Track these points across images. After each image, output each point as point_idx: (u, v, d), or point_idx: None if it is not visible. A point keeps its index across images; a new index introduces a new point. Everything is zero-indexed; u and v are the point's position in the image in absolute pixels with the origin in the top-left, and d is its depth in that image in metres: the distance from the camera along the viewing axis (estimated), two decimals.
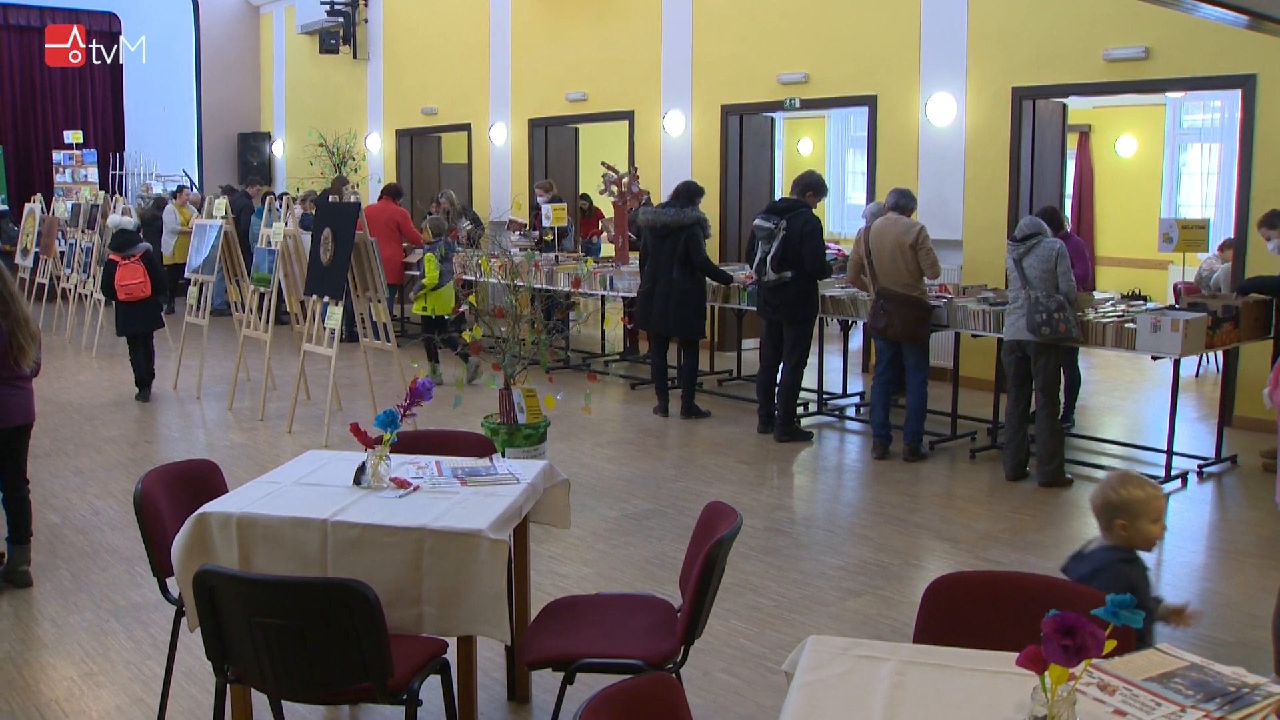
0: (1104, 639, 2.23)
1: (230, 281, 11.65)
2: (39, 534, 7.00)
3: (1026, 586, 3.51)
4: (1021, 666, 2.32)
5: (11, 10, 22.14)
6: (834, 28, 12.37)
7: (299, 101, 21.84)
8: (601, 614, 4.24)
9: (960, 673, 2.87)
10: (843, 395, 10.96)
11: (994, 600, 3.47)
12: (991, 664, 2.88)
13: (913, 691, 2.77)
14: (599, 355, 13.42)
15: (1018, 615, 3.35)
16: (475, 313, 7.72)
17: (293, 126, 21.94)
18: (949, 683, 2.83)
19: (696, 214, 9.81)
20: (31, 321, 6.00)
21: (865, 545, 6.84)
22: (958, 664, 2.91)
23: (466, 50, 17.50)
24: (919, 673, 2.86)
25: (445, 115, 18.17)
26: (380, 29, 19.55)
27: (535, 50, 16.28)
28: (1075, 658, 2.22)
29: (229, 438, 9.69)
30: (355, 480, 4.34)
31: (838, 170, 20.53)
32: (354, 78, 20.19)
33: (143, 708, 4.78)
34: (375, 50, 19.71)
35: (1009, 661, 2.69)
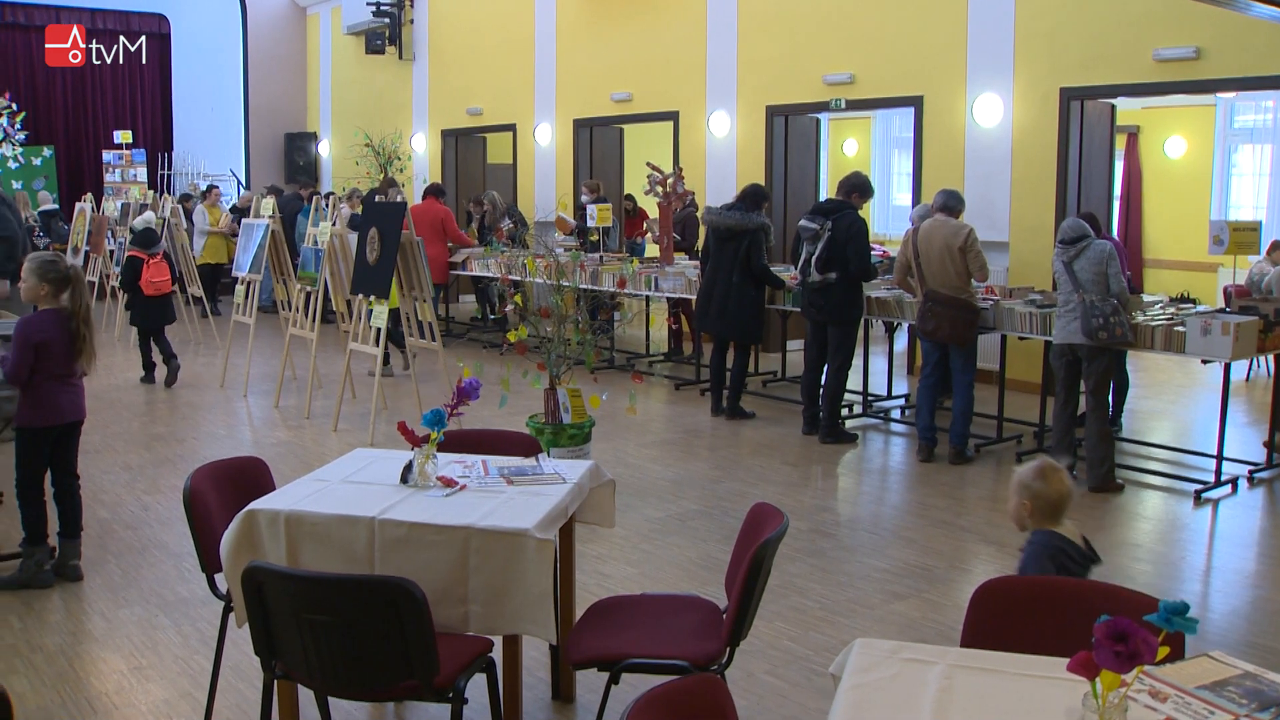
0: (1157, 646, 2.21)
1: (277, 280, 11.74)
2: (89, 529, 7.07)
3: (1076, 592, 3.48)
4: (1072, 672, 2.30)
5: (63, 12, 22.40)
6: (880, 28, 12.32)
7: (345, 102, 21.97)
8: (647, 614, 4.24)
9: (1009, 677, 2.85)
10: (887, 397, 10.91)
11: (1043, 605, 3.44)
12: (1041, 669, 2.86)
13: (961, 695, 2.75)
14: (643, 355, 13.42)
15: (1067, 620, 3.33)
16: (521, 313, 7.73)
17: (339, 126, 22.08)
18: (998, 687, 2.81)
19: (761, 219, 9.79)
20: (95, 329, 6.17)
21: (910, 548, 6.81)
22: (1007, 669, 2.89)
23: (512, 50, 17.54)
24: (967, 677, 2.84)
25: (490, 115, 18.23)
26: (426, 29, 19.63)
27: (580, 50, 16.30)
28: (1128, 664, 2.20)
29: (275, 435, 9.76)
30: (402, 479, 4.35)
31: (883, 171, 20.43)
32: (400, 78, 20.29)
33: (191, 702, 4.83)
34: (421, 50, 19.80)
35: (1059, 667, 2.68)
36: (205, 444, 9.52)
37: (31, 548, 6.19)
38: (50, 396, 6.05)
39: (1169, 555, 6.86)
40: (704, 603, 4.33)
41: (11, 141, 20.66)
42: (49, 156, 22.04)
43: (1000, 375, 9.28)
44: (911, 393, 10.69)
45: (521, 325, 7.58)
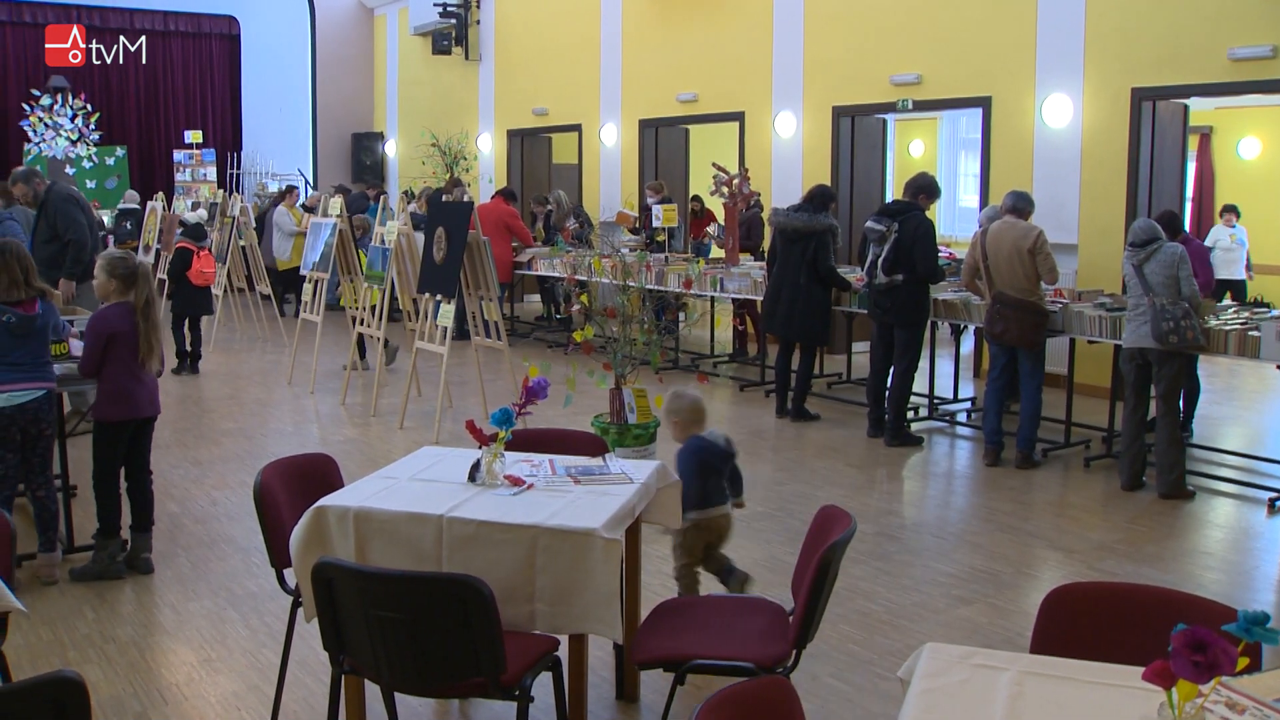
0: (1236, 656, 2.18)
1: (344, 279, 11.84)
2: (160, 523, 7.17)
3: (1148, 599, 3.43)
4: (1148, 681, 2.27)
5: (137, 15, 22.77)
6: (948, 28, 12.23)
7: (412, 102, 22.12)
8: (712, 615, 4.24)
9: (1081, 685, 2.81)
10: (954, 400, 10.83)
11: (1114, 612, 3.39)
12: (1113, 677, 2.83)
13: (1032, 702, 2.73)
14: (708, 356, 13.41)
15: (1139, 629, 3.29)
16: (587, 313, 7.75)
17: (405, 127, 22.23)
18: (1070, 695, 2.78)
19: (828, 220, 9.77)
20: (161, 328, 6.30)
21: (976, 553, 6.75)
22: (1078, 676, 2.86)
23: (577, 51, 17.59)
24: (1038, 684, 2.81)
25: (556, 116, 18.28)
26: (492, 30, 19.73)
27: (646, 51, 16.31)
28: (1206, 674, 2.17)
29: (341, 432, 9.84)
30: (470, 477, 4.38)
31: (949, 173, 20.30)
32: (466, 78, 20.40)
33: (259, 695, 4.89)
34: (487, 51, 19.89)
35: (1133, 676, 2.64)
36: (273, 440, 9.62)
37: (105, 540, 6.29)
38: (125, 390, 6.15)
39: (1241, 564, 6.76)
40: (770, 605, 4.32)
41: (86, 141, 21.00)
42: (121, 156, 22.39)
43: (1069, 379, 9.18)
44: (978, 396, 10.60)
45: (587, 325, 7.59)
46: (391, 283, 10.50)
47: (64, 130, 20.81)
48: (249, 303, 15.73)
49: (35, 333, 5.98)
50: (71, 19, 22.29)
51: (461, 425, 9.57)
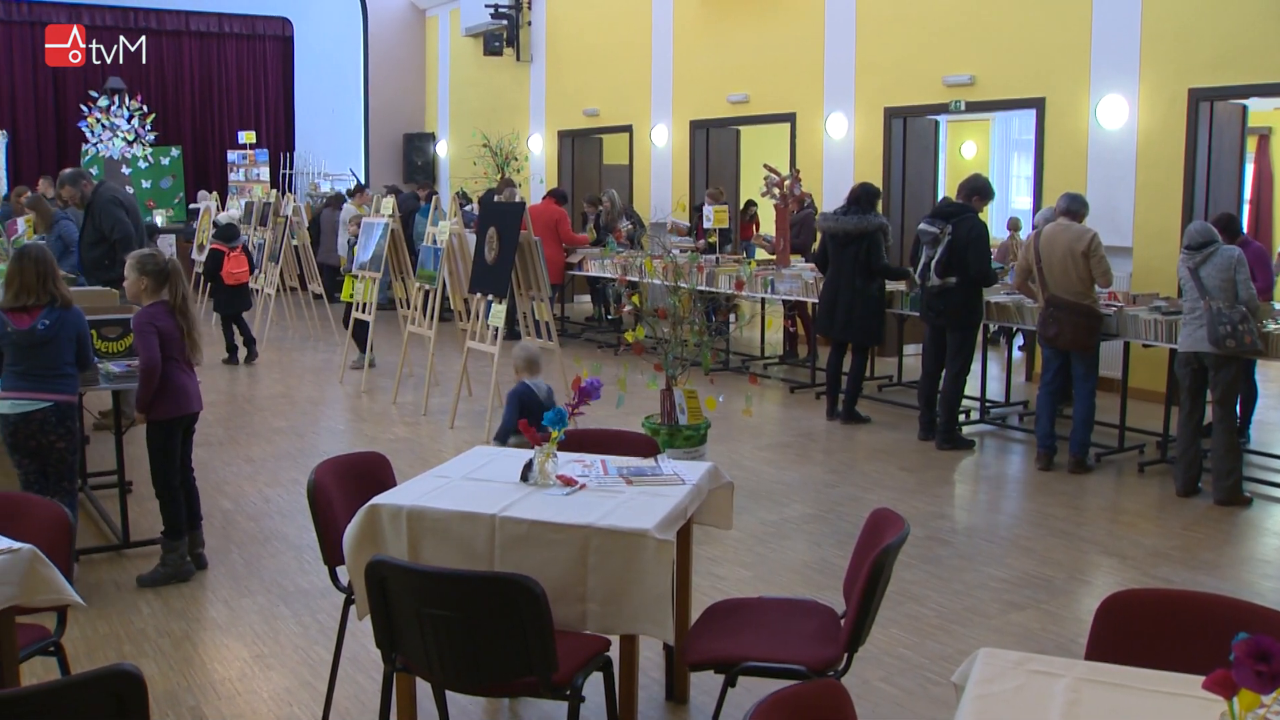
0: None
1: (396, 278, 11.91)
2: (213, 519, 7.26)
3: (1207, 607, 3.38)
4: (1208, 690, 2.25)
5: (193, 17, 23.02)
6: (1001, 28, 12.14)
7: (463, 103, 22.21)
8: (764, 617, 4.23)
9: (1139, 693, 2.78)
10: (1005, 404, 10.75)
11: (1172, 620, 3.36)
12: (1172, 686, 2.79)
13: (1089, 709, 2.70)
14: (758, 358, 13.38)
15: (1197, 637, 3.25)
16: (638, 313, 7.75)
17: (456, 127, 22.32)
18: (1127, 703, 2.75)
19: (878, 220, 9.75)
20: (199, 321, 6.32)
21: (1029, 558, 6.70)
22: (1136, 684, 2.83)
23: (628, 52, 17.60)
24: (1095, 691, 2.79)
25: (607, 116, 18.31)
26: (543, 31, 19.78)
27: (697, 51, 16.30)
28: (1269, 684, 2.14)
29: (392, 431, 9.90)
30: (523, 477, 4.39)
31: (1002, 174, 20.14)
32: (517, 79, 20.46)
33: (310, 691, 4.93)
34: (538, 52, 19.94)
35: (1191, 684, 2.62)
36: (324, 438, 9.70)
37: (173, 541, 6.27)
38: (179, 386, 6.15)
39: None
40: (821, 607, 4.31)
41: (142, 142, 21.22)
42: (176, 156, 22.62)
43: (1123, 383, 9.09)
44: (1030, 399, 10.51)
45: (639, 325, 7.59)
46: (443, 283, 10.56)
47: (120, 131, 21.04)
48: (301, 301, 15.86)
49: (37, 345, 5.85)
50: (129, 22, 22.60)
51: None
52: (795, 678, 3.72)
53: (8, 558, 3.71)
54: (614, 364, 12.35)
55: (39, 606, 3.91)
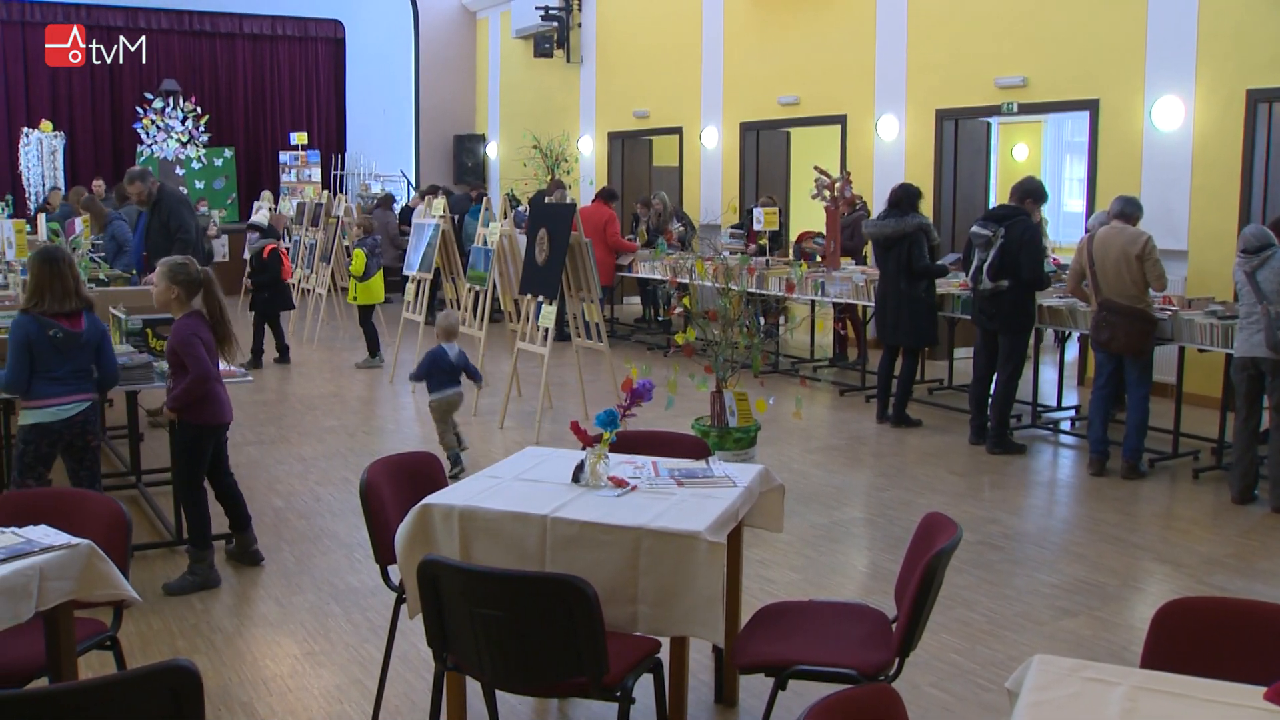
0: None
1: (446, 279, 11.96)
2: (265, 517, 7.33)
3: (1266, 617, 3.33)
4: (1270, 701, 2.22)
5: (246, 20, 23.25)
6: (1055, 29, 12.04)
7: (513, 104, 22.27)
8: (814, 621, 4.22)
9: (1197, 703, 2.75)
10: (1057, 408, 10.66)
11: (1230, 629, 3.31)
12: (1231, 696, 2.76)
13: (1146, 718, 2.67)
14: (808, 360, 13.34)
15: (1257, 647, 3.21)
16: (688, 315, 7.75)
17: (507, 129, 22.40)
18: (1185, 712, 2.72)
19: (919, 220, 9.70)
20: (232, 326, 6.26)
21: (1081, 564, 6.64)
22: (1193, 693, 2.80)
23: (679, 53, 17.60)
24: (1153, 700, 2.76)
25: (657, 118, 18.31)
26: (593, 33, 19.81)
27: (747, 53, 16.27)
28: None
29: None
30: (574, 478, 4.40)
31: (1054, 177, 19.99)
32: (567, 81, 20.50)
33: (361, 689, 4.96)
34: (588, 54, 19.98)
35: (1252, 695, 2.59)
36: (375, 438, 9.75)
37: (201, 552, 6.22)
38: (216, 395, 6.13)
39: None
40: (872, 611, 4.29)
41: (195, 143, 21.45)
42: (229, 157, 22.84)
43: (1177, 388, 8.99)
44: (1082, 404, 10.42)
45: (689, 327, 7.59)
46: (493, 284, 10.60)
47: (175, 132, 21.28)
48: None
49: (80, 348, 5.94)
50: (183, 25, 22.86)
51: (561, 426, 9.70)
52: (846, 682, 3.72)
53: (67, 553, 3.75)
54: (663, 366, 12.33)
55: (96, 601, 3.96)
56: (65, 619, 3.84)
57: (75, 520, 4.16)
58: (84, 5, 22.13)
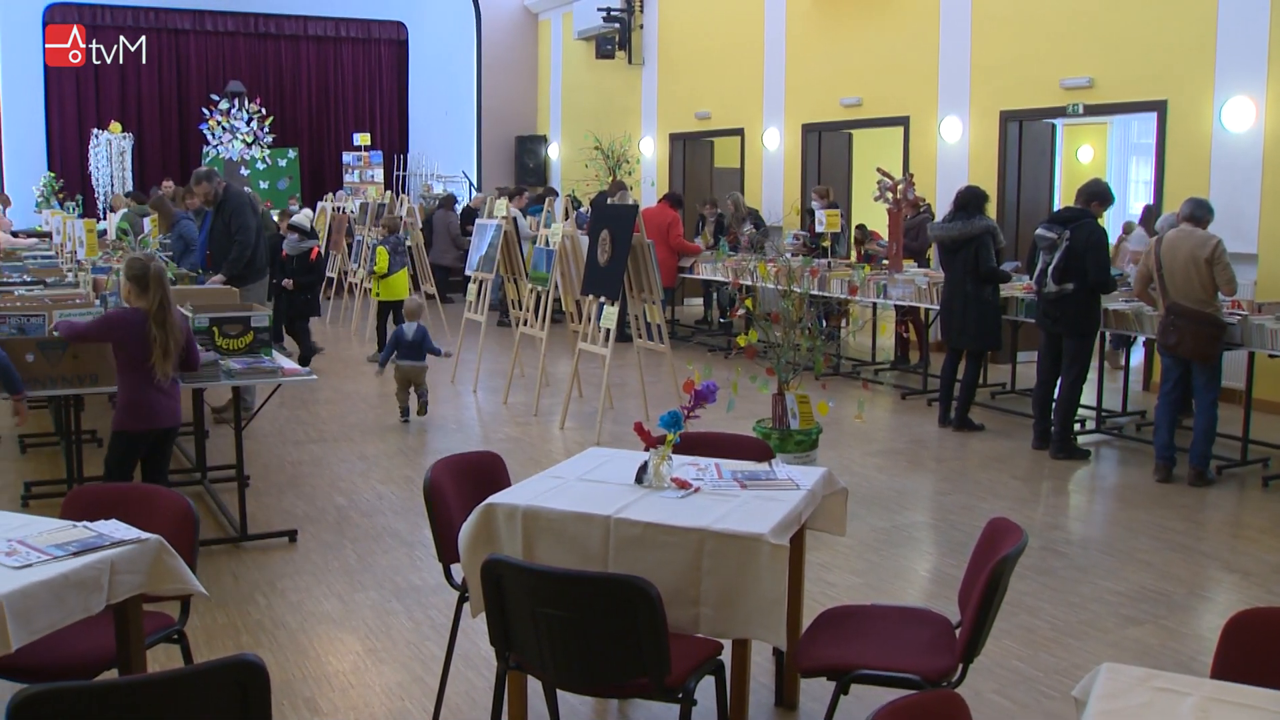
0: None
1: (508, 279, 12.02)
2: (328, 515, 7.42)
3: None
4: None
5: (310, 22, 23.49)
6: (1122, 29, 11.89)
7: (575, 105, 22.34)
8: (877, 625, 4.19)
9: (1270, 715, 2.70)
10: (1122, 413, 10.53)
11: None
12: None
13: None
14: (869, 363, 13.27)
15: None
16: (750, 317, 7.73)
17: (568, 130, 22.46)
18: None
19: (985, 222, 9.62)
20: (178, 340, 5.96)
21: (1146, 571, 6.55)
22: (1267, 705, 2.74)
23: (740, 55, 17.57)
24: (1225, 712, 2.71)
25: (718, 120, 18.30)
26: (655, 34, 19.82)
27: (809, 54, 16.22)
28: None
29: (503, 431, 9.98)
30: (637, 479, 4.40)
31: (1120, 179, 19.75)
32: (629, 82, 20.53)
33: (422, 686, 4.98)
34: (650, 55, 19.99)
35: None
36: (436, 437, 9.81)
37: None
38: (144, 400, 6.00)
39: None
40: (935, 616, 4.26)
41: (260, 144, 21.69)
42: (293, 158, 23.08)
43: (1246, 394, 8.85)
44: (1148, 410, 10.29)
45: (751, 329, 7.57)
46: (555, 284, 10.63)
47: (240, 133, 21.54)
48: None
49: None
50: (248, 28, 23.14)
51: (622, 426, 9.71)
52: (908, 687, 3.69)
53: (137, 547, 3.80)
54: (724, 367, 12.33)
55: (164, 595, 4.01)
56: (134, 612, 3.89)
57: (144, 515, 4.20)
58: (151, 8, 22.45)
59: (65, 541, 3.78)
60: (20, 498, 7.73)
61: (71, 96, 22.23)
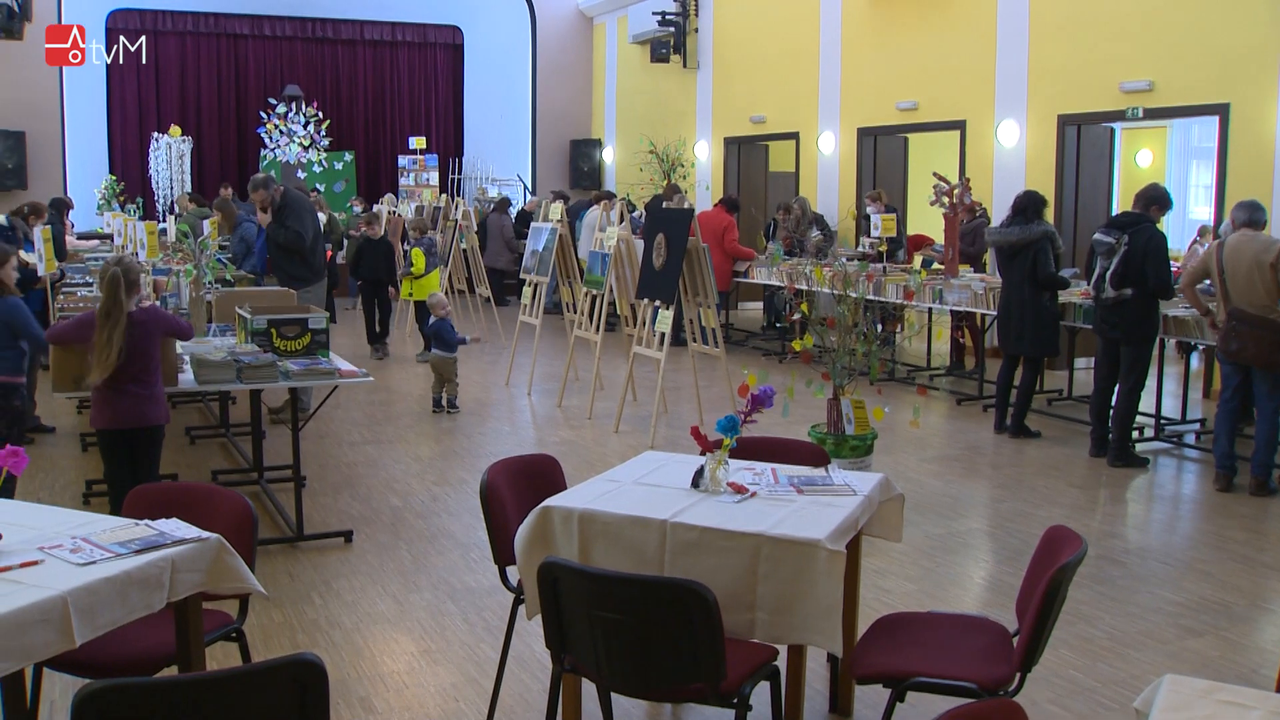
0: None
1: (563, 283, 12.05)
2: (381, 515, 7.48)
3: None
4: None
5: (367, 26, 23.68)
6: (1183, 31, 11.74)
7: (629, 109, 22.36)
8: (933, 633, 4.17)
9: None
10: (1181, 421, 10.40)
11: None
12: None
13: None
14: (924, 369, 13.19)
15: None
16: (805, 321, 7.70)
17: (623, 133, 22.49)
18: None
19: (1043, 228, 9.54)
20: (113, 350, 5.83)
21: (1206, 582, 6.47)
22: None
23: (796, 59, 17.52)
24: None
25: (773, 123, 18.25)
26: (710, 38, 19.81)
27: (865, 58, 16.14)
28: None
29: (558, 434, 10.01)
30: (694, 483, 4.39)
31: (1179, 184, 19.52)
32: (683, 86, 20.52)
33: (476, 688, 5.00)
34: (705, 59, 19.98)
35: None
36: (490, 440, 9.84)
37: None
38: (102, 399, 6.03)
39: None
40: (992, 624, 4.23)
41: (316, 147, 21.87)
42: (349, 161, 23.25)
43: None
44: (1207, 417, 10.16)
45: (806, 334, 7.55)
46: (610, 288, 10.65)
47: (297, 137, 21.73)
48: (469, 305, 16.13)
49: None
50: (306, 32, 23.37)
51: (675, 430, 9.71)
52: (965, 695, 3.67)
53: (197, 546, 3.84)
54: (779, 372, 12.31)
55: (223, 593, 4.05)
56: (195, 610, 3.93)
57: (204, 514, 4.25)
58: (210, 14, 22.71)
59: (128, 539, 3.82)
60: (81, 495, 7.84)
61: (133, 101, 22.54)
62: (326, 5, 23.28)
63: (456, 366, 10.93)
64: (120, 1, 21.84)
